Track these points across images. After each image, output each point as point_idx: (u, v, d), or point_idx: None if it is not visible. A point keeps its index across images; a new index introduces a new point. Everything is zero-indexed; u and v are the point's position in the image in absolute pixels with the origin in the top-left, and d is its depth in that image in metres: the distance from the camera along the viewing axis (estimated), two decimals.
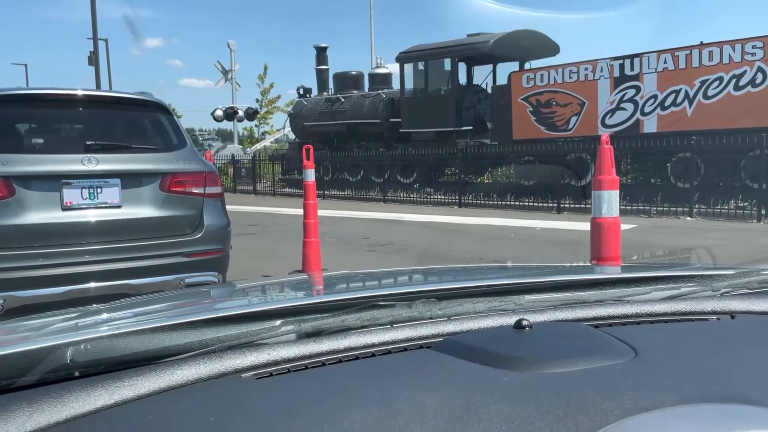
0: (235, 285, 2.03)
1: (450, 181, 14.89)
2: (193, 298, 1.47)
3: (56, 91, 4.04)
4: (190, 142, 4.31)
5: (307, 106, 19.17)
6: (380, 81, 18.24)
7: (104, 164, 3.73)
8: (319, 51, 19.97)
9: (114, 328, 0.84)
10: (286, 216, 12.05)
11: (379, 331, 0.87)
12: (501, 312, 0.95)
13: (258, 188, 19.30)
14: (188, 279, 3.97)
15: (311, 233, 6.01)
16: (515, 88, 13.83)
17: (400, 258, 7.26)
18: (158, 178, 3.94)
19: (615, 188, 3.34)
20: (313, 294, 1.22)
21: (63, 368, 0.74)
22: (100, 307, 1.29)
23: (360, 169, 17.03)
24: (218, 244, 4.16)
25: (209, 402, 0.69)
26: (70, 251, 3.62)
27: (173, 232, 3.98)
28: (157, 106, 4.31)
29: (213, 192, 4.18)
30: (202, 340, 0.79)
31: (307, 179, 6.21)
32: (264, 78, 28.30)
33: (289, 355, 0.80)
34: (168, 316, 0.97)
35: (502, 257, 6.89)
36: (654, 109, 11.97)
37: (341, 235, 8.93)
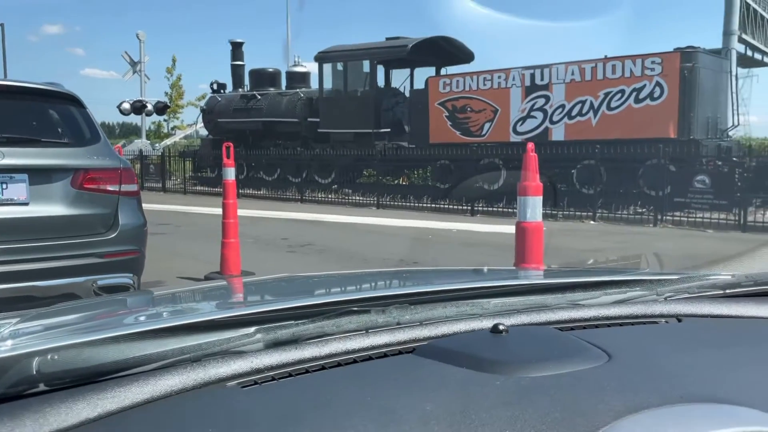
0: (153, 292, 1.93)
1: (368, 183, 14.98)
2: (133, 305, 1.40)
3: None
4: (104, 137, 4.10)
5: (221, 102, 18.67)
6: (298, 79, 18.06)
7: (10, 158, 3.48)
8: (235, 46, 19.52)
9: (81, 336, 0.78)
10: (199, 215, 11.70)
11: (357, 337, 0.86)
12: (471, 316, 0.97)
13: (168, 186, 18.61)
14: (101, 281, 3.77)
15: (230, 233, 5.87)
16: (432, 93, 14.10)
17: (322, 259, 7.22)
18: (70, 174, 3.72)
19: (539, 194, 3.48)
20: (280, 299, 1.20)
21: (28, 381, 0.69)
22: (30, 313, 1.20)
23: (277, 168, 16.79)
24: (134, 245, 3.98)
25: (203, 412, 0.66)
26: None
27: (86, 231, 3.77)
28: (68, 98, 4.06)
29: (129, 190, 3.99)
30: (182, 348, 0.75)
31: (227, 178, 6.06)
32: (173, 70, 27.37)
33: (271, 363, 0.78)
34: (129, 324, 0.92)
35: (421, 259, 7.01)
36: (562, 118, 12.56)
37: (259, 236, 8.77)
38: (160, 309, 1.28)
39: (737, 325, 1.04)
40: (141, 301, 1.57)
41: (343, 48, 16.22)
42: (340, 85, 16.09)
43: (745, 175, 10.21)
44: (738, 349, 0.91)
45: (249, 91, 18.32)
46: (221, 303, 1.26)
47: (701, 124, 11.72)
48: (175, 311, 1.22)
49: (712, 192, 10.10)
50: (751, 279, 1.20)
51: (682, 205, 10.38)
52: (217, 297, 1.38)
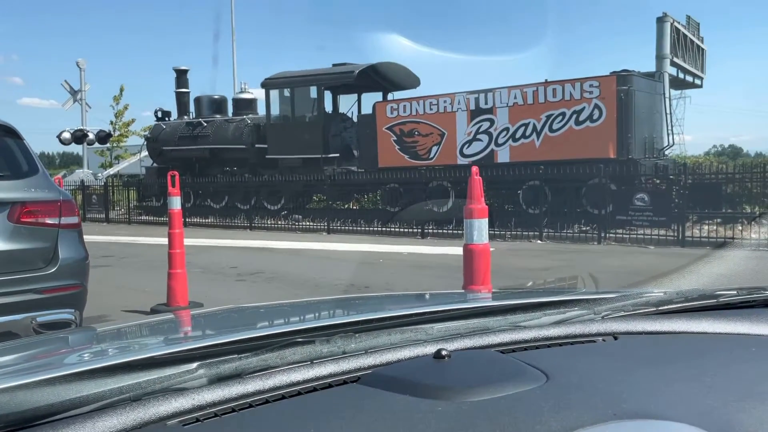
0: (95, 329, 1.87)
1: (318, 208, 14.95)
2: (71, 344, 1.35)
3: None
4: (42, 168, 3.98)
5: (166, 130, 18.36)
6: (245, 106, 17.96)
7: None
8: (179, 73, 19.28)
9: (11, 379, 0.75)
10: (145, 246, 11.41)
11: (301, 369, 0.86)
12: (415, 342, 0.98)
13: (111, 216, 18.10)
14: (41, 318, 3.62)
15: (177, 264, 5.74)
16: (380, 118, 14.24)
17: (272, 287, 7.13)
18: (6, 207, 3.59)
19: (485, 216, 3.55)
20: (222, 332, 1.18)
21: None
22: None
23: (224, 196, 16.57)
24: (75, 279, 3.85)
25: None
26: None
27: (24, 266, 3.63)
28: (4, 129, 3.93)
29: (69, 222, 3.87)
30: (120, 387, 0.74)
31: (173, 207, 5.95)
32: (119, 99, 26.83)
33: (213, 399, 0.77)
34: (67, 364, 0.89)
35: (373, 283, 7.00)
36: (506, 141, 12.86)
37: (207, 265, 8.60)
38: (101, 346, 1.25)
39: (670, 341, 1.09)
40: (82, 338, 1.52)
41: (290, 74, 16.26)
42: (288, 111, 16.09)
43: (681, 192, 10.67)
44: (671, 365, 0.95)
45: (195, 119, 18.10)
46: (163, 338, 1.23)
47: (639, 143, 12.20)
48: (116, 348, 1.19)
49: (652, 209, 10.49)
50: (681, 295, 1.26)
51: (624, 223, 10.74)
52: (160, 332, 1.35)
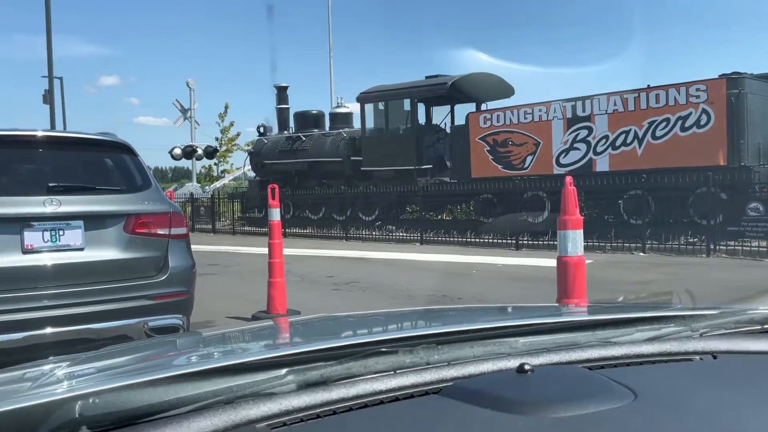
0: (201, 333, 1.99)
1: (411, 219, 15.02)
2: (177, 348, 1.45)
3: (17, 133, 3.96)
4: (155, 182, 4.26)
5: (267, 145, 19.17)
6: (341, 120, 18.43)
7: (67, 206, 3.65)
8: (280, 90, 20.09)
9: (122, 380, 0.83)
10: (247, 255, 11.91)
11: (384, 378, 0.88)
12: (499, 356, 0.98)
13: (217, 227, 19.05)
14: (152, 322, 3.87)
15: (276, 273, 5.96)
16: (473, 128, 14.16)
17: (366, 297, 7.25)
18: (122, 219, 3.87)
19: (579, 227, 3.45)
20: (311, 340, 1.23)
21: (71, 424, 0.73)
22: (79, 357, 1.26)
23: (321, 207, 17.05)
24: (183, 286, 4.08)
25: None
26: (30, 296, 3.50)
27: (137, 274, 3.90)
28: (121, 147, 4.26)
29: (178, 233, 4.12)
30: (215, 390, 0.79)
31: (272, 218, 6.19)
32: (224, 116, 28.28)
33: (300, 405, 0.80)
34: (167, 367, 0.97)
35: (465, 294, 6.95)
36: (606, 149, 12.39)
37: (305, 274, 8.87)
38: (203, 351, 1.33)
39: None
40: (187, 342, 1.61)
41: (384, 88, 16.51)
42: (382, 123, 16.35)
43: None
44: None
45: (294, 133, 18.78)
46: (257, 344, 1.30)
47: (752, 150, 11.38)
48: (215, 353, 1.26)
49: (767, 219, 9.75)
50: None
51: (736, 234, 10.04)
52: (255, 338, 1.42)
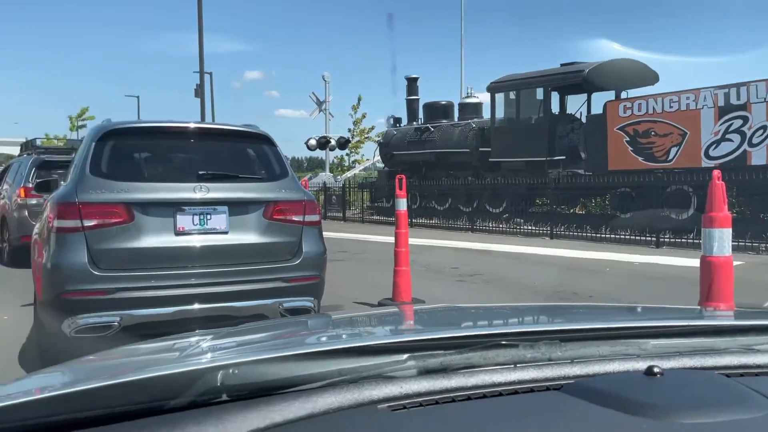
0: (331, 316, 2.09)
1: (541, 212, 14.60)
2: (308, 327, 1.53)
3: (171, 124, 4.34)
4: (291, 172, 4.49)
5: (396, 136, 19.47)
6: (470, 110, 18.28)
7: (214, 193, 3.95)
8: (410, 82, 20.30)
9: (256, 354, 0.90)
10: (375, 243, 12.20)
11: (504, 371, 0.88)
12: (626, 357, 0.94)
13: (347, 215, 19.69)
14: (286, 303, 4.10)
15: (402, 262, 6.07)
16: (611, 118, 13.46)
17: (490, 289, 7.17)
18: (262, 206, 4.12)
19: (727, 226, 3.18)
20: (433, 329, 1.25)
21: (213, 391, 0.81)
22: (222, 331, 1.37)
23: (448, 198, 17.05)
24: (315, 271, 4.27)
25: (355, 430, 0.73)
26: (181, 274, 3.84)
27: (274, 258, 4.14)
28: (262, 138, 4.53)
29: (311, 220, 4.32)
30: (339, 369, 0.84)
31: (399, 208, 6.29)
32: (357, 108, 29.08)
33: (419, 390, 0.83)
34: (299, 344, 1.03)
35: (597, 292, 6.66)
36: (763, 141, 11.28)
37: (429, 264, 8.94)
38: (332, 332, 1.40)
39: None
40: (319, 323, 1.70)
41: (516, 77, 16.14)
42: (513, 113, 16.00)
43: None
44: None
45: (423, 124, 18.91)
46: (382, 329, 1.34)
47: None
48: (342, 335, 1.32)
49: None
50: None
51: None
52: (381, 323, 1.47)
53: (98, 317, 3.60)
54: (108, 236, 3.68)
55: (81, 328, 3.56)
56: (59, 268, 3.60)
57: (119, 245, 3.70)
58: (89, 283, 3.60)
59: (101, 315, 3.60)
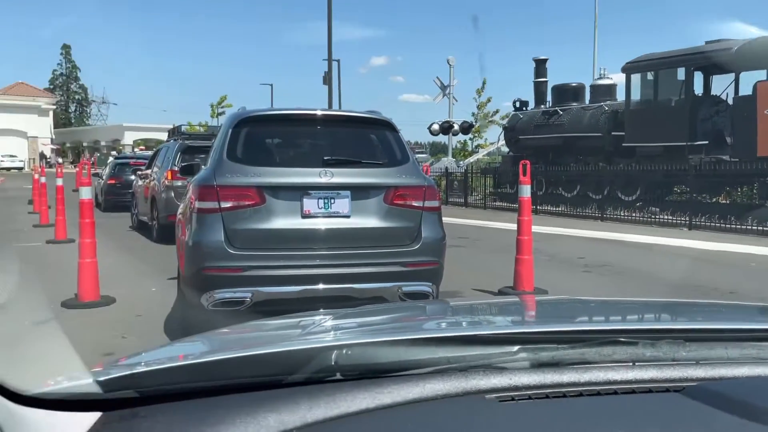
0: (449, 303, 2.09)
1: (679, 201, 13.63)
2: (423, 313, 1.55)
3: (300, 112, 4.53)
4: (412, 157, 4.54)
5: (522, 120, 18.97)
6: (603, 93, 17.38)
7: (338, 177, 4.09)
8: (538, 63, 19.65)
9: (370, 336, 0.93)
10: (496, 230, 12.03)
11: (620, 369, 0.85)
12: (757, 361, 0.87)
13: (469, 201, 19.53)
14: (405, 288, 4.16)
15: (524, 250, 5.94)
16: (762, 99, 12.24)
17: (619, 282, 6.84)
18: (383, 191, 4.20)
19: None
20: (547, 321, 1.22)
21: (327, 370, 0.85)
22: (342, 312, 1.42)
23: (576, 185, 16.36)
24: (434, 256, 4.30)
25: (463, 418, 0.73)
26: (306, 255, 4.02)
27: (393, 242, 4.21)
28: (384, 124, 4.61)
29: (431, 206, 4.34)
30: (448, 357, 0.84)
31: (523, 195, 6.15)
32: (482, 92, 28.62)
33: (529, 382, 0.82)
34: (411, 329, 1.05)
35: (740, 289, 6.14)
36: None
37: (554, 254, 8.67)
38: (447, 319, 1.41)
39: None
40: (435, 309, 1.72)
41: (655, 56, 15.10)
42: (650, 95, 15.01)
43: None
44: None
45: (551, 107, 18.26)
46: (495, 318, 1.33)
47: None
48: (456, 322, 1.33)
49: None
50: None
51: None
52: (496, 312, 1.46)
53: (233, 292, 3.86)
54: (242, 217, 3.93)
55: (217, 301, 3.84)
56: (199, 246, 3.90)
57: (251, 226, 3.93)
58: (225, 260, 3.87)
59: (235, 291, 3.87)
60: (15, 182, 29.33)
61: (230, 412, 0.75)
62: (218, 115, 36.58)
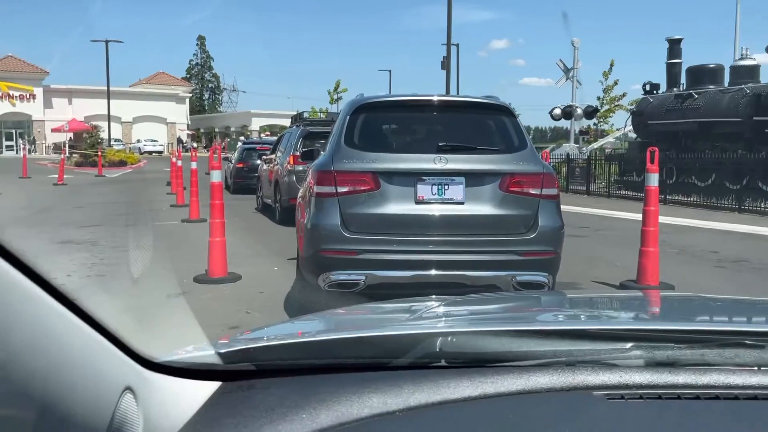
0: (566, 294, 2.02)
1: None
2: (534, 305, 1.52)
3: (416, 98, 4.55)
4: (530, 143, 4.42)
5: (652, 104, 17.84)
6: (744, 74, 15.94)
7: (452, 164, 4.07)
8: (672, 44, 18.36)
9: (476, 325, 0.93)
10: (620, 220, 11.46)
11: (743, 373, 0.79)
12: None
13: (591, 189, 18.73)
14: (519, 277, 4.08)
15: (650, 242, 5.62)
16: None
17: (756, 280, 6.29)
18: (498, 178, 4.13)
19: None
20: (665, 318, 1.16)
21: (432, 356, 0.86)
22: (453, 299, 1.42)
23: (711, 174, 15.16)
24: (551, 246, 4.18)
25: (565, 413, 0.72)
26: (419, 240, 4.05)
27: (508, 230, 4.14)
28: (501, 109, 4.52)
29: (549, 194, 4.21)
30: (554, 350, 0.83)
31: (649, 184, 5.81)
32: (608, 75, 27.28)
33: (641, 381, 0.78)
34: (518, 320, 1.04)
35: None
36: None
37: (683, 247, 8.13)
38: (560, 311, 1.37)
39: None
40: (550, 301, 1.67)
41: None
42: None
43: None
44: None
45: (685, 90, 17.03)
46: (610, 313, 1.28)
47: None
48: (568, 315, 1.29)
49: None
50: None
51: None
52: (612, 307, 1.40)
53: (347, 275, 3.98)
54: (357, 202, 4.03)
55: (333, 283, 3.98)
56: (317, 229, 4.05)
57: (366, 210, 4.02)
58: (341, 243, 3.99)
59: (350, 273, 3.98)
60: (155, 165, 31.88)
61: (338, 389, 0.78)
62: (336, 101, 37.56)
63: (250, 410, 0.76)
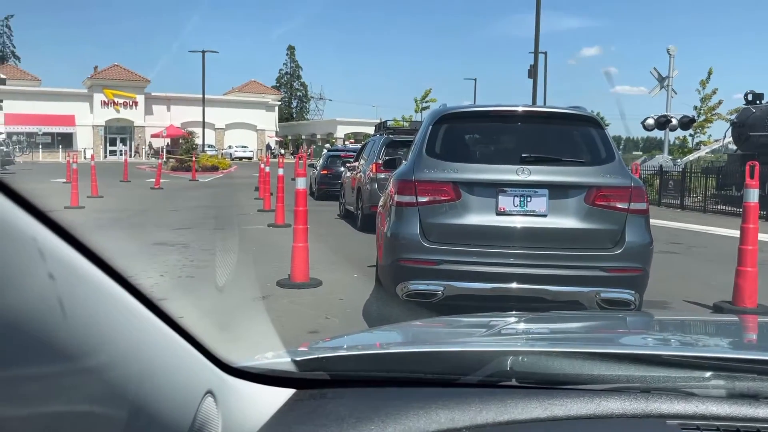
0: (653, 315, 1.94)
1: None
2: (615, 325, 1.48)
3: (500, 108, 4.50)
4: (618, 156, 4.28)
5: (755, 114, 16.78)
6: None
7: (535, 175, 4.00)
8: None
9: (548, 345, 0.92)
10: (716, 236, 10.84)
11: None
12: None
13: (686, 203, 17.81)
14: (604, 294, 3.94)
15: (748, 261, 5.29)
16: None
17: None
18: (584, 190, 4.02)
19: None
20: (752, 347, 1.10)
21: (502, 375, 0.86)
22: (532, 316, 1.41)
23: None
24: (638, 263, 4.02)
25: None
26: (500, 252, 4.00)
27: (593, 245, 4.02)
28: (588, 120, 4.40)
29: (637, 208, 4.06)
30: (629, 375, 0.81)
31: (749, 200, 5.47)
32: (706, 83, 25.91)
33: (719, 413, 0.75)
34: (593, 342, 1.02)
35: None
36: None
37: None
38: (639, 334, 1.33)
39: None
40: (634, 322, 1.61)
41: None
42: None
43: None
44: None
45: None
46: (690, 338, 1.22)
47: None
48: (646, 339, 1.25)
49: None
50: None
51: None
52: (698, 331, 1.34)
53: (426, 285, 3.99)
54: (437, 212, 4.03)
55: (411, 292, 3.99)
56: (396, 238, 4.08)
57: (446, 221, 4.02)
58: (420, 253, 4.00)
59: (428, 283, 3.98)
60: (245, 171, 33.11)
61: (406, 403, 0.79)
62: (422, 110, 37.65)
63: (321, 419, 0.79)
